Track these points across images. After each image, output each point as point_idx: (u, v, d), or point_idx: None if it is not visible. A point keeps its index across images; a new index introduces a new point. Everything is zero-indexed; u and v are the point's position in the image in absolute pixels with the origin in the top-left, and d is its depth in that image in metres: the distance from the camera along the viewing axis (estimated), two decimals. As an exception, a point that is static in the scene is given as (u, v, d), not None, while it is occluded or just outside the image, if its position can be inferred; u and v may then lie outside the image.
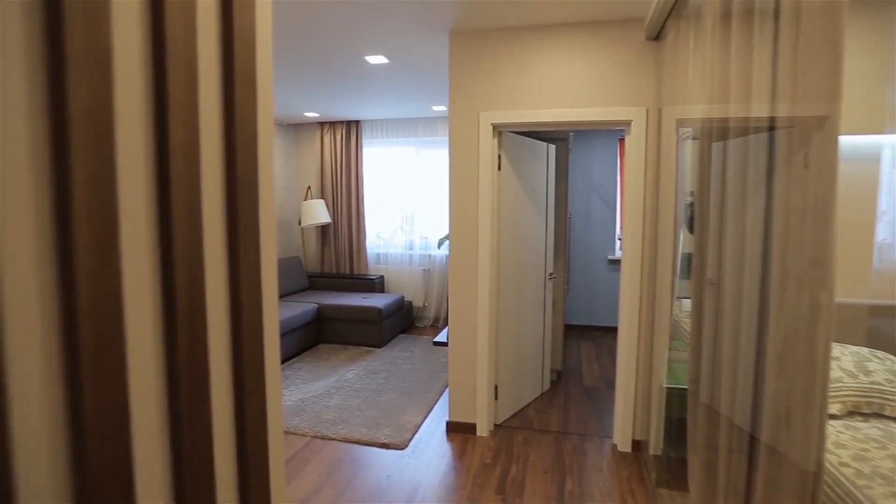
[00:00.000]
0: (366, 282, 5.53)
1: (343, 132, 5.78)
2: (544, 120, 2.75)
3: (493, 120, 2.78)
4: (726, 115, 1.81)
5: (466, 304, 2.91)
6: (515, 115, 2.77)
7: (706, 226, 1.68)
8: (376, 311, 4.69)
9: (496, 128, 2.84)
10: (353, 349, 4.71)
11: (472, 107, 2.82)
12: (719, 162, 1.85)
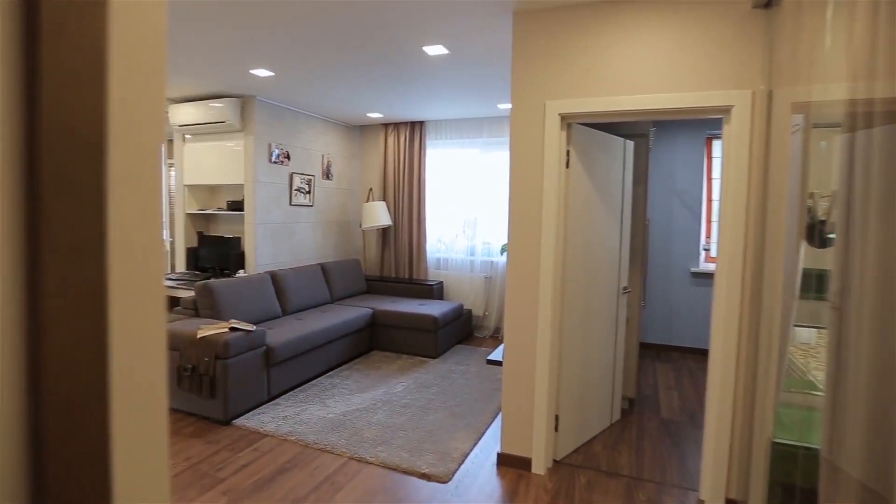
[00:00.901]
0: (424, 287, 5.31)
1: (407, 133, 5.63)
2: (623, 108, 2.34)
3: (561, 109, 2.42)
4: (879, 96, 1.34)
5: (525, 320, 2.55)
6: (588, 103, 2.38)
7: (852, 237, 1.22)
8: (431, 319, 4.44)
9: (565, 119, 2.47)
10: (406, 358, 4.49)
11: (538, 95, 2.48)
12: (865, 156, 1.38)
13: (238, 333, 3.15)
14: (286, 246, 5.02)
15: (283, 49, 3.24)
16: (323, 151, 5.52)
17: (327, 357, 4.03)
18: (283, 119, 4.90)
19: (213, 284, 3.70)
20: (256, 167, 4.58)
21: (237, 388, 3.12)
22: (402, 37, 2.94)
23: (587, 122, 2.50)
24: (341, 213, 5.94)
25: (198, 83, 4.16)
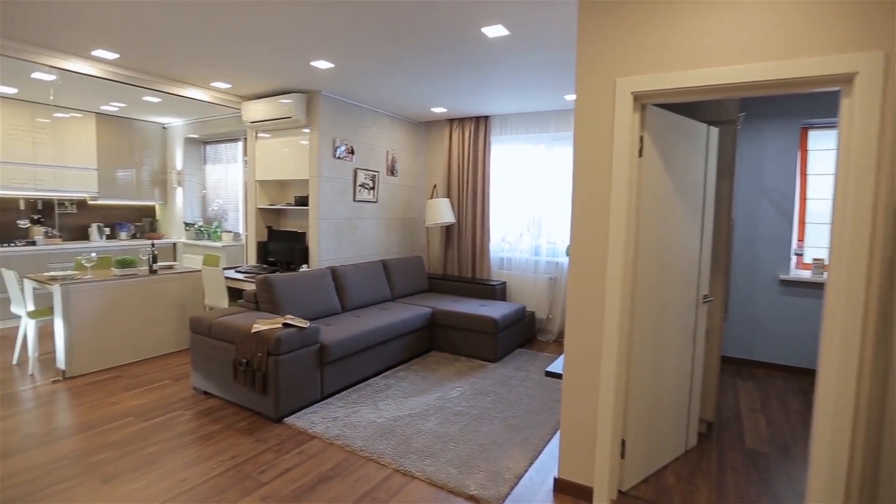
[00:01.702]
0: (486, 287, 5.08)
1: (471, 128, 5.42)
2: (710, 83, 1.95)
3: (634, 87, 2.08)
4: None
5: (588, 329, 2.25)
6: (667, 79, 2.02)
7: None
8: (491, 322, 4.20)
9: (638, 99, 2.12)
10: (464, 361, 4.30)
11: (607, 71, 2.15)
12: None
13: (291, 330, 3.14)
14: (349, 242, 5.03)
15: (339, 38, 3.17)
16: (388, 147, 5.47)
17: (383, 356, 3.95)
18: (348, 114, 4.90)
19: (273, 278, 3.75)
20: (320, 162, 4.62)
21: (289, 385, 3.11)
22: (458, 17, 2.73)
23: (665, 101, 2.13)
24: (405, 210, 5.87)
25: (265, 78, 4.24)
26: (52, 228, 6.20)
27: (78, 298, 3.87)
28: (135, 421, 3.09)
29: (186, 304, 4.65)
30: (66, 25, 3.11)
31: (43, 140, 5.82)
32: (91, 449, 2.73)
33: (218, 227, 6.61)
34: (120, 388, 3.64)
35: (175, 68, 3.99)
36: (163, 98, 5.18)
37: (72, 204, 6.40)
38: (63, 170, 6.01)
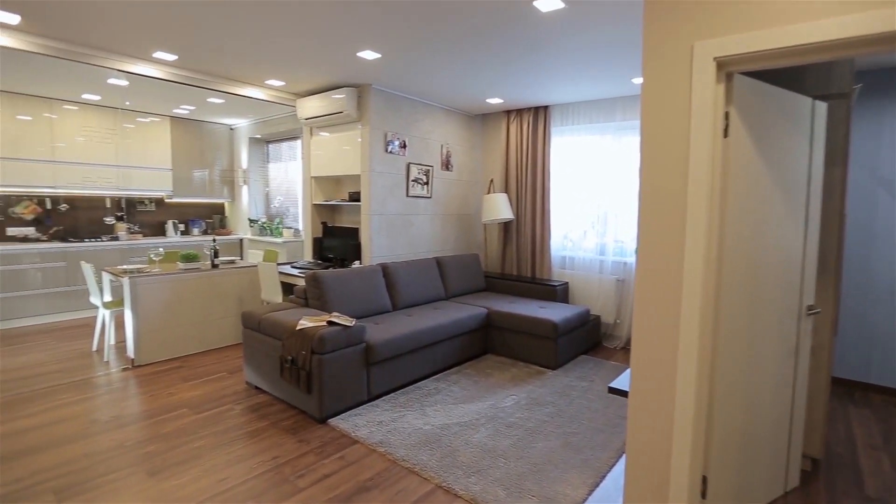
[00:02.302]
0: (547, 288, 4.75)
1: (530, 120, 5.10)
2: (821, 39, 1.54)
3: (718, 52, 1.71)
4: None
5: (660, 341, 1.91)
6: (760, 38, 1.63)
7: None
8: (551, 325, 3.88)
9: (723, 66, 1.75)
10: (521, 367, 4.01)
11: (682, 33, 1.79)
12: None
13: (335, 328, 3.03)
14: (402, 238, 4.90)
15: (383, 24, 3.00)
16: (442, 141, 5.28)
17: (434, 358, 3.76)
18: (399, 107, 4.76)
19: (321, 275, 3.68)
20: (372, 157, 4.51)
21: (333, 385, 3.00)
22: (511, -8, 2.47)
23: (758, 68, 1.74)
24: (461, 206, 5.66)
25: (315, 73, 4.19)
26: (133, 225, 6.64)
27: (144, 291, 4.03)
28: (188, 413, 3.12)
29: (245, 297, 4.73)
30: (127, 28, 3.20)
31: (126, 143, 6.22)
32: (144, 439, 2.76)
33: (280, 223, 6.76)
34: (179, 379, 3.73)
35: (230, 67, 4.03)
36: (225, 99, 5.33)
37: (151, 202, 6.82)
38: (143, 170, 6.41)
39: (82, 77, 4.59)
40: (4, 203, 5.65)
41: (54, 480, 2.36)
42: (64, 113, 5.72)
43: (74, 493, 2.25)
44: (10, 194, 5.65)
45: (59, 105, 5.67)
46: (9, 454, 2.60)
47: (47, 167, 5.65)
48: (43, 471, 2.44)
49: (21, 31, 3.34)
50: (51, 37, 3.44)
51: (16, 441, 2.75)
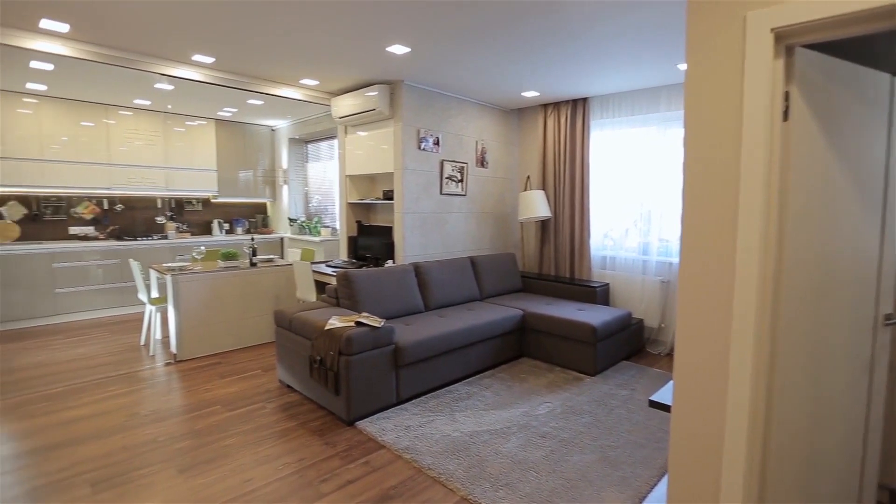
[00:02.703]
0: (586, 289, 4.53)
1: (568, 113, 4.88)
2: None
3: (775, 22, 1.49)
4: None
5: (707, 352, 1.71)
6: (828, 1, 1.41)
7: None
8: (589, 329, 3.68)
9: (782, 38, 1.52)
10: (558, 372, 3.83)
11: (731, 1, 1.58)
12: None
13: (363, 329, 2.97)
14: (436, 237, 4.82)
15: (412, 17, 2.92)
16: (477, 137, 5.15)
17: (467, 361, 3.65)
18: (432, 103, 4.67)
19: (352, 274, 3.64)
20: (404, 154, 4.45)
21: (361, 387, 2.95)
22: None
23: (824, 39, 1.50)
24: (497, 204, 5.51)
25: (346, 71, 4.16)
26: (182, 224, 6.92)
27: (186, 288, 4.14)
28: (221, 410, 3.16)
29: (281, 296, 4.79)
30: (166, 31, 3.27)
31: (174, 146, 6.48)
32: (178, 435, 2.81)
33: (318, 222, 6.85)
34: (216, 375, 3.80)
35: (265, 67, 4.07)
36: (264, 100, 5.42)
37: (198, 202, 7.08)
38: (190, 172, 6.65)
39: (132, 83, 4.78)
40: (67, 204, 6.01)
41: (93, 472, 2.43)
42: (119, 118, 6.01)
43: (109, 486, 2.30)
44: (73, 195, 6.01)
45: (115, 111, 5.97)
46: (56, 443, 2.71)
47: (104, 170, 5.96)
48: (84, 461, 2.52)
49: (71, 39, 3.49)
50: (98, 43, 3.57)
51: (64, 431, 2.87)
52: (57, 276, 5.47)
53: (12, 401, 3.33)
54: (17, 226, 5.66)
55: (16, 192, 5.60)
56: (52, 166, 5.60)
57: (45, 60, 4.08)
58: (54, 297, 5.46)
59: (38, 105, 5.46)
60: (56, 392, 3.48)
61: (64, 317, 5.53)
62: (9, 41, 3.30)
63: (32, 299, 5.32)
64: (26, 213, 5.74)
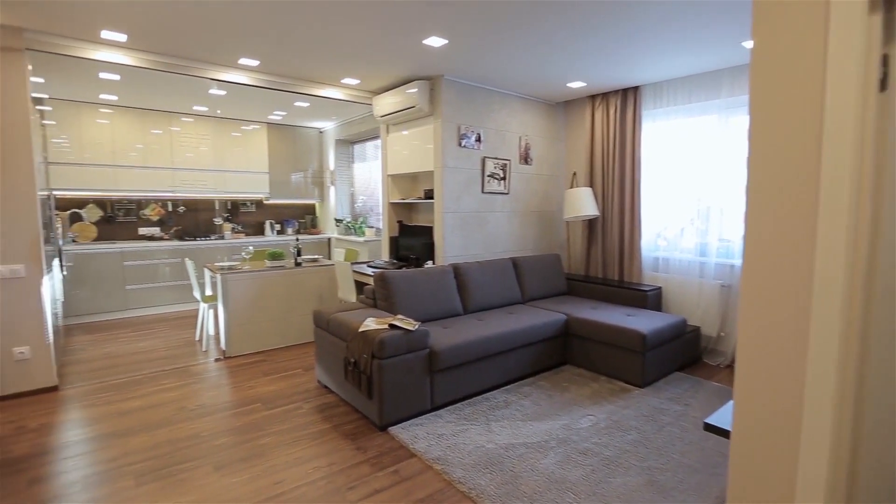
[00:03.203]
0: (636, 293, 4.24)
1: (617, 104, 4.60)
2: None
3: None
4: None
5: (776, 365, 1.48)
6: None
7: None
8: (638, 336, 3.42)
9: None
10: (603, 382, 3.60)
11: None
12: None
13: (396, 332, 2.92)
14: (477, 237, 4.70)
15: (447, 6, 2.81)
16: (520, 133, 4.98)
17: (506, 367, 3.52)
18: (473, 99, 4.54)
19: (389, 275, 3.60)
20: (444, 152, 4.36)
21: (394, 392, 2.89)
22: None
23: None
24: (542, 202, 5.30)
25: (385, 68, 4.13)
26: (237, 225, 7.22)
27: (234, 287, 4.28)
28: (260, 408, 3.22)
29: (324, 295, 4.86)
30: (214, 36, 3.37)
31: (230, 150, 6.77)
32: (219, 431, 2.88)
33: (363, 222, 6.92)
34: (260, 373, 3.90)
35: (307, 68, 4.12)
36: (310, 102, 5.52)
37: (251, 204, 7.36)
38: (244, 174, 6.93)
39: (189, 90, 5.01)
40: (137, 206, 6.44)
41: (139, 464, 2.53)
42: (182, 125, 6.36)
43: (150, 480, 2.38)
44: (142, 198, 6.43)
45: (177, 118, 6.32)
46: (112, 433, 2.87)
47: (168, 173, 6.32)
48: (132, 453, 2.64)
49: (130, 49, 3.68)
50: (153, 51, 3.75)
51: (119, 421, 3.03)
52: (127, 274, 5.86)
53: (80, 389, 3.57)
54: (94, 227, 6.12)
55: (93, 195, 6.06)
56: (123, 171, 6.01)
57: (112, 71, 4.34)
58: (125, 293, 5.85)
59: (112, 115, 5.87)
60: (117, 383, 3.70)
61: (132, 311, 5.92)
62: (75, 52, 3.53)
63: (105, 295, 5.74)
64: (102, 215, 6.20)
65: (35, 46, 3.38)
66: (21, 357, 3.46)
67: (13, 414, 3.18)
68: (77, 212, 6.00)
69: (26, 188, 3.40)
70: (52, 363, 3.58)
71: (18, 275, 3.41)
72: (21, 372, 3.46)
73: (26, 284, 3.44)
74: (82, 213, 6.06)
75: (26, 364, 3.48)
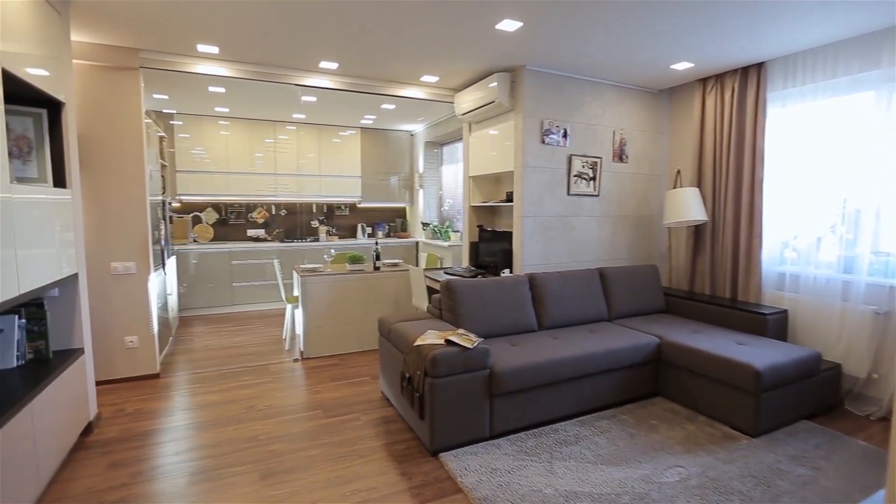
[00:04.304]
0: (752, 317, 3.49)
1: (734, 86, 3.85)
2: None
3: None
4: None
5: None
6: None
7: None
8: (751, 372, 2.76)
9: None
10: (702, 423, 2.98)
11: None
12: None
13: (452, 349, 2.66)
14: (561, 244, 4.26)
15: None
16: (615, 127, 4.42)
17: (580, 395, 3.08)
18: (560, 90, 4.12)
19: (454, 284, 3.36)
20: (524, 150, 4.01)
21: (447, 415, 2.64)
22: None
23: None
24: (639, 206, 4.67)
25: (461, 60, 3.89)
26: (332, 228, 7.54)
27: (312, 289, 4.37)
28: (320, 415, 3.18)
29: (400, 301, 4.78)
30: (294, 42, 3.43)
31: (326, 155, 7.08)
32: (275, 436, 2.88)
33: (449, 226, 6.78)
34: (329, 378, 3.90)
35: (384, 67, 4.05)
36: (395, 104, 5.51)
37: (345, 207, 7.63)
38: (339, 178, 7.20)
39: (283, 98, 5.28)
40: (246, 209, 7.01)
41: (196, 461, 2.60)
42: (287, 132, 6.81)
43: (199, 480, 2.41)
44: (250, 202, 6.99)
45: (282, 126, 6.77)
46: (186, 424, 3.04)
47: (271, 178, 6.79)
48: (195, 449, 2.73)
49: (223, 60, 3.91)
50: (243, 62, 3.95)
51: (196, 415, 3.19)
52: (234, 272, 6.39)
53: (176, 379, 3.88)
54: (211, 228, 6.79)
55: (210, 200, 6.71)
56: (235, 177, 6.58)
57: (216, 84, 4.69)
58: (232, 289, 6.38)
59: (228, 126, 6.46)
60: (207, 375, 3.96)
61: (237, 307, 6.43)
62: (180, 67, 3.83)
63: (216, 291, 6.30)
64: (217, 217, 6.85)
65: (147, 65, 3.73)
66: (131, 345, 3.84)
67: (119, 396, 3.53)
68: (198, 215, 6.70)
69: (138, 194, 3.76)
70: (155, 352, 3.93)
71: (130, 271, 3.79)
72: (130, 359, 3.85)
73: (136, 280, 3.81)
74: (202, 215, 6.75)
75: (134, 352, 3.85)
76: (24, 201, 2.16)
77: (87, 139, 3.58)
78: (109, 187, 3.67)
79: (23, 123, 2.67)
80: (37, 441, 2.17)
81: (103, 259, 3.70)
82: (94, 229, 3.66)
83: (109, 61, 3.59)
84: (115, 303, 3.75)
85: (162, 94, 5.08)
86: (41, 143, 2.71)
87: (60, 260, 2.59)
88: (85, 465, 2.58)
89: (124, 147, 3.69)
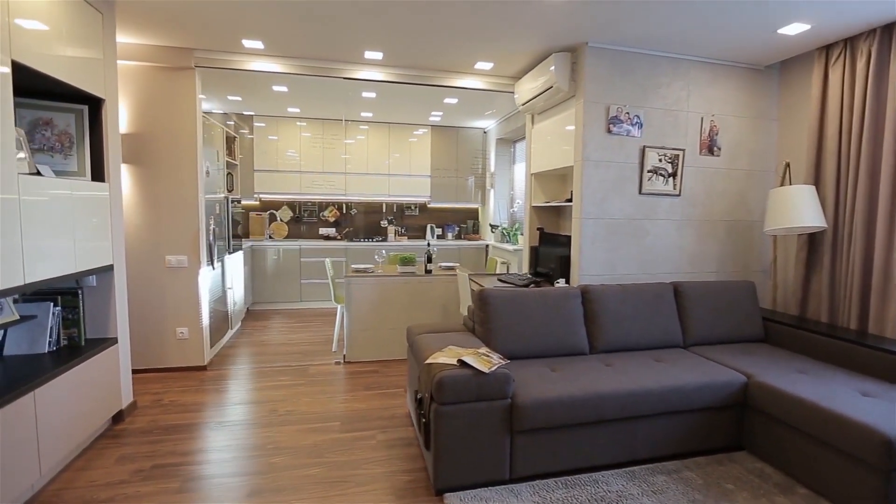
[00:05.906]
0: (887, 357, 2.58)
1: (871, 52, 2.93)
2: None
3: None
4: None
5: None
6: None
7: None
8: (878, 440, 1.97)
9: None
10: (801, 498, 2.22)
11: None
12: None
13: (464, 372, 2.24)
14: (630, 251, 3.61)
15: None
16: (703, 112, 3.66)
17: (630, 440, 2.48)
18: (631, 69, 3.48)
19: (489, 294, 2.92)
20: (587, 141, 3.44)
21: (455, 449, 2.23)
22: None
23: None
24: (734, 208, 3.83)
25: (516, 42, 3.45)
26: (401, 228, 7.42)
27: (356, 291, 4.19)
28: (336, 428, 2.95)
29: (448, 307, 4.43)
30: (339, 33, 3.27)
31: (398, 154, 6.98)
32: (281, 447, 2.70)
33: (517, 228, 6.28)
34: (363, 386, 3.68)
35: (432, 55, 3.74)
36: (457, 98, 5.18)
37: (415, 207, 7.47)
38: (409, 178, 7.06)
39: (343, 95, 5.21)
40: (318, 208, 7.16)
41: (196, 465, 2.50)
42: (360, 131, 6.84)
43: (190, 489, 2.28)
44: (321, 202, 7.12)
45: (355, 125, 6.81)
46: (210, 422, 3.00)
47: (341, 178, 6.84)
48: (204, 451, 2.64)
49: (270, 56, 3.88)
50: (290, 56, 3.88)
51: (221, 412, 3.16)
52: (303, 269, 6.51)
53: (220, 372, 3.93)
54: (286, 226, 7.02)
55: (285, 198, 6.95)
56: (308, 176, 6.74)
57: (279, 83, 4.73)
58: (299, 286, 6.51)
59: (303, 126, 6.64)
60: (249, 371, 3.96)
61: (302, 304, 6.54)
62: (233, 65, 3.86)
63: (285, 286, 6.47)
64: (292, 215, 7.07)
65: (202, 64, 3.80)
66: (181, 336, 3.94)
67: (163, 385, 3.62)
68: (273, 213, 6.96)
69: (192, 191, 3.85)
70: (203, 345, 4.01)
71: (183, 265, 3.89)
72: (180, 349, 3.96)
73: (188, 274, 3.90)
74: (277, 213, 6.99)
75: (184, 343, 3.96)
76: (47, 194, 2.20)
77: (141, 137, 3.73)
78: (163, 184, 3.80)
79: (65, 119, 2.77)
80: (40, 426, 2.17)
81: (158, 252, 3.83)
82: (150, 223, 3.80)
83: (166, 62, 3.71)
84: (168, 294, 3.87)
85: (235, 95, 5.27)
86: (81, 138, 2.80)
87: (91, 251, 2.65)
88: (101, 455, 2.59)
89: (179, 145, 3.80)
